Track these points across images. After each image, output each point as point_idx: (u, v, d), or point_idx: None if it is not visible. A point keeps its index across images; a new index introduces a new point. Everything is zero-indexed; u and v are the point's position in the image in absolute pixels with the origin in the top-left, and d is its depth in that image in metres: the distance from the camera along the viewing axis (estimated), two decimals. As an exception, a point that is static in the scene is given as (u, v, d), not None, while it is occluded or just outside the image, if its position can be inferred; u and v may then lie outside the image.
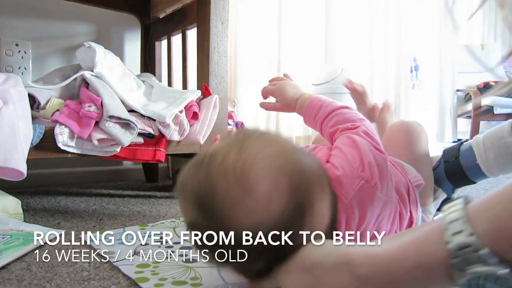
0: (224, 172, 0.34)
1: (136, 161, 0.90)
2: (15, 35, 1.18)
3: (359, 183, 0.42)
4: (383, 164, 0.45)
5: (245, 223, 0.34)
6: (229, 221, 0.34)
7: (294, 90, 0.62)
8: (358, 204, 0.42)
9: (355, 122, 0.50)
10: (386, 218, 0.46)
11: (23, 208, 0.80)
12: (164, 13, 1.25)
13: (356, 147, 0.45)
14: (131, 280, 0.48)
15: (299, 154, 0.38)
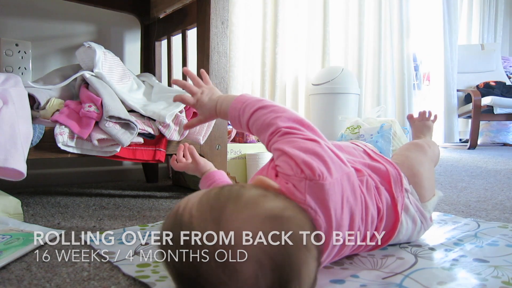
0: (205, 253, 0.33)
1: (136, 161, 0.90)
2: (15, 35, 1.18)
3: (305, 184, 0.43)
4: (316, 149, 0.46)
5: None
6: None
7: (211, 97, 0.59)
8: (316, 202, 0.43)
9: (271, 126, 0.49)
10: (351, 192, 0.47)
11: (23, 208, 0.80)
12: (164, 13, 1.25)
13: (285, 154, 0.45)
14: (131, 280, 0.48)
15: (279, 221, 0.36)
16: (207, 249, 0.33)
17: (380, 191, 0.54)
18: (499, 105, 3.04)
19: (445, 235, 0.67)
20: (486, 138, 3.88)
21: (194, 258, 0.33)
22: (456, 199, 1.04)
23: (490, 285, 0.46)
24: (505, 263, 0.53)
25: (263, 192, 0.39)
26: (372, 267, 0.51)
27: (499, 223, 0.76)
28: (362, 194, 0.50)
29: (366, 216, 0.50)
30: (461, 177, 1.49)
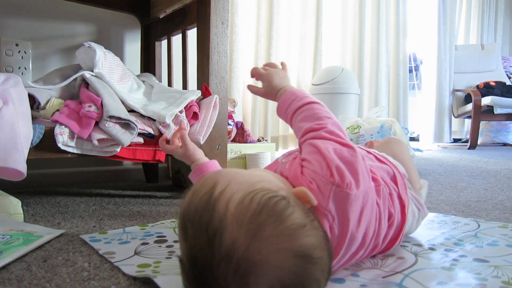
0: (228, 258, 0.33)
1: (136, 161, 0.90)
2: (15, 35, 1.18)
3: (331, 189, 0.43)
4: (351, 158, 0.46)
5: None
6: None
7: (281, 80, 0.63)
8: (336, 210, 0.43)
9: (321, 120, 0.52)
10: (370, 207, 0.47)
11: (23, 208, 0.80)
12: (164, 13, 1.25)
13: (320, 153, 0.46)
14: (131, 280, 0.48)
15: (307, 260, 0.35)
16: (232, 252, 0.33)
17: (393, 197, 0.54)
18: (499, 105, 3.04)
19: (445, 235, 0.67)
20: (486, 138, 3.88)
21: (215, 251, 0.33)
22: (456, 199, 1.04)
23: (490, 285, 0.46)
24: (505, 263, 0.53)
25: (303, 221, 0.37)
26: (372, 267, 0.51)
27: (499, 223, 0.76)
28: (378, 207, 0.49)
29: (379, 228, 0.50)
30: (461, 177, 1.49)
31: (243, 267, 0.33)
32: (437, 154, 2.66)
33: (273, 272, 0.33)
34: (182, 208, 0.38)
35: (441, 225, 0.74)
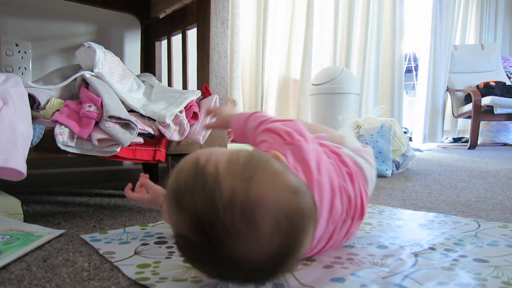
0: (232, 205, 0.36)
1: (136, 161, 0.90)
2: (15, 35, 1.18)
3: (287, 148, 0.52)
4: (297, 126, 0.56)
5: (245, 253, 0.37)
6: (229, 247, 0.37)
7: (230, 112, 0.75)
8: (296, 161, 0.51)
9: (265, 117, 0.62)
10: (325, 160, 0.54)
11: (23, 208, 0.80)
12: (164, 13, 1.25)
13: (271, 130, 0.56)
14: (131, 280, 0.48)
15: (300, 194, 0.40)
16: (234, 199, 0.37)
17: (341, 158, 0.60)
18: (499, 105, 3.04)
19: (445, 235, 0.67)
20: (486, 138, 3.88)
21: (218, 204, 0.36)
22: (456, 199, 1.04)
23: (490, 285, 0.46)
24: (505, 263, 0.53)
25: (284, 166, 0.43)
26: (372, 267, 0.51)
27: (500, 223, 0.76)
28: (333, 165, 0.56)
29: (344, 182, 0.55)
30: (461, 177, 1.49)
31: (247, 209, 0.36)
32: (437, 154, 2.66)
33: (274, 206, 0.37)
34: (170, 186, 0.40)
35: (441, 225, 0.74)
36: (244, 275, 0.39)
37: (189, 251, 0.39)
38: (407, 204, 0.98)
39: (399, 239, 0.65)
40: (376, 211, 0.87)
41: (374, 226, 0.73)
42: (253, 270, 0.38)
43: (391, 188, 1.25)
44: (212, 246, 0.37)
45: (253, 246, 0.37)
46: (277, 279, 0.42)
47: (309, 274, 0.49)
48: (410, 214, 0.85)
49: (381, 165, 1.51)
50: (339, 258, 0.55)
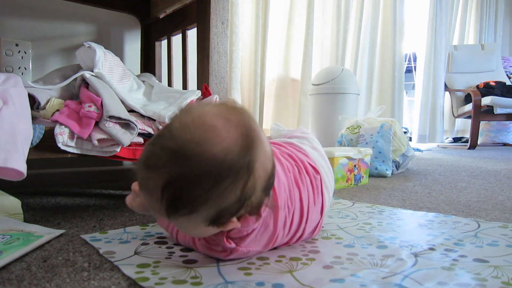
0: (185, 126, 0.43)
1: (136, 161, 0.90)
2: (15, 35, 1.18)
3: None
4: None
5: (216, 149, 0.41)
6: (202, 150, 0.41)
7: None
8: None
9: None
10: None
11: (23, 208, 0.80)
12: (164, 13, 1.25)
13: None
14: (131, 280, 0.48)
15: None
16: (186, 122, 0.44)
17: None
18: (499, 105, 3.04)
19: (445, 235, 0.67)
20: (486, 138, 3.88)
21: (178, 132, 0.43)
22: (456, 199, 1.04)
23: (489, 285, 0.46)
24: (505, 263, 0.53)
25: None
26: (372, 267, 0.52)
27: (500, 223, 0.76)
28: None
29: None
30: (461, 177, 1.49)
31: (197, 120, 0.44)
32: (437, 154, 2.66)
33: (217, 110, 0.45)
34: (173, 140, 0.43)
35: (441, 225, 0.74)
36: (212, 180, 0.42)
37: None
38: (407, 204, 0.98)
39: (399, 239, 0.65)
40: (376, 211, 0.87)
41: (374, 226, 0.74)
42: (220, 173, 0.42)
43: (391, 188, 1.25)
44: (186, 162, 0.42)
45: (219, 141, 0.42)
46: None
47: (308, 274, 0.49)
48: (410, 214, 0.85)
49: (381, 165, 1.51)
50: (339, 258, 0.55)
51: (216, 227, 0.46)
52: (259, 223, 0.52)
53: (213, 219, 0.44)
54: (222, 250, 0.52)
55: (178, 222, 0.46)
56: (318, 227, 0.66)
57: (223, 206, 0.43)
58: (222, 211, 0.44)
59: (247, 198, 0.44)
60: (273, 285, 0.45)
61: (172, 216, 0.44)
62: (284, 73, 2.41)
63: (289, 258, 0.55)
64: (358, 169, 1.33)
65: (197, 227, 0.46)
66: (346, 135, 1.66)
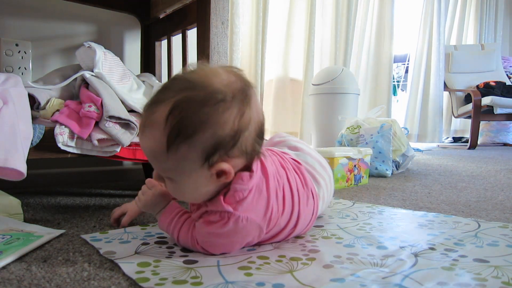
0: (190, 72, 0.51)
1: (136, 161, 0.90)
2: (15, 35, 1.18)
3: None
4: None
5: (219, 82, 0.49)
6: (207, 81, 0.49)
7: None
8: None
9: None
10: None
11: (23, 208, 0.80)
12: (164, 13, 1.25)
13: None
14: (131, 280, 0.48)
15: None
16: (196, 74, 0.52)
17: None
18: (499, 105, 3.04)
19: (445, 235, 0.67)
20: (486, 138, 3.88)
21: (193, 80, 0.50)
22: (456, 199, 1.04)
23: (490, 285, 0.46)
24: (505, 263, 0.53)
25: None
26: (372, 267, 0.52)
27: (500, 223, 0.76)
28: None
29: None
30: (461, 177, 1.49)
31: (206, 71, 0.52)
32: (437, 154, 2.66)
33: (217, 68, 0.52)
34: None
35: (441, 225, 0.74)
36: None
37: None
38: (407, 204, 0.98)
39: (399, 239, 0.65)
40: (376, 211, 0.87)
41: (374, 226, 0.73)
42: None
43: (391, 188, 1.25)
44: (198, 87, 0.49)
45: (221, 80, 0.50)
46: None
47: (308, 274, 0.49)
48: (410, 214, 0.85)
49: (381, 165, 1.51)
50: (339, 258, 0.55)
51: (210, 169, 0.50)
52: (253, 186, 0.53)
53: (208, 153, 0.48)
54: (220, 219, 0.53)
55: (175, 159, 0.49)
56: (312, 221, 0.67)
57: (220, 136, 0.48)
58: (218, 143, 0.48)
59: (242, 132, 0.49)
60: (273, 285, 0.45)
61: (172, 144, 0.48)
62: (283, 73, 2.41)
63: (289, 258, 0.55)
64: (358, 169, 1.33)
65: (192, 173, 0.50)
66: (346, 135, 1.66)
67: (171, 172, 0.52)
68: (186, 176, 0.51)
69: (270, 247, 0.60)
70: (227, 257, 0.55)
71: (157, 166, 0.53)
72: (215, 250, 0.56)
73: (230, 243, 0.55)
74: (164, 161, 0.50)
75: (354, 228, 0.72)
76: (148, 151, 0.52)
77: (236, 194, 0.52)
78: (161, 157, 0.49)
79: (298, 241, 0.63)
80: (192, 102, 0.47)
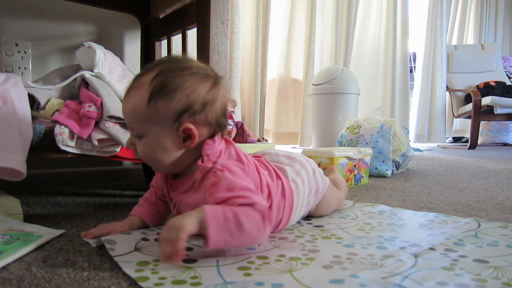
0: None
1: (136, 161, 0.90)
2: (15, 35, 1.18)
3: None
4: None
5: (196, 63, 0.61)
6: (186, 59, 0.62)
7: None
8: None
9: None
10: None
11: (23, 208, 0.80)
12: (164, 13, 1.25)
13: None
14: (131, 280, 0.48)
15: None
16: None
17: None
18: (499, 105, 3.04)
19: (445, 235, 0.67)
20: (486, 138, 3.88)
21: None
22: (456, 199, 1.04)
23: (489, 286, 0.46)
24: (505, 264, 0.53)
25: None
26: (372, 267, 0.52)
27: (500, 223, 0.76)
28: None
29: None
30: (461, 177, 1.49)
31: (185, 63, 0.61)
32: (437, 154, 2.66)
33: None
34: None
35: (441, 225, 0.74)
36: None
37: None
38: (407, 204, 0.98)
39: (399, 240, 0.65)
40: (376, 211, 0.87)
41: (374, 226, 0.73)
42: None
43: (391, 188, 1.25)
44: None
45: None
46: None
47: (308, 274, 0.49)
48: (410, 214, 0.85)
49: (381, 165, 1.51)
50: (339, 258, 0.55)
51: (178, 130, 0.57)
52: (221, 149, 0.59)
53: (180, 112, 0.56)
54: (213, 173, 0.56)
55: (152, 112, 0.56)
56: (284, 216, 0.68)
57: (192, 99, 0.56)
58: (189, 105, 0.56)
59: (210, 104, 0.58)
60: (272, 285, 0.45)
61: (152, 99, 0.55)
62: (285, 73, 2.41)
63: (289, 258, 0.55)
64: (358, 169, 1.33)
65: (163, 130, 0.57)
66: (346, 135, 1.66)
67: (145, 126, 0.58)
68: (157, 132, 0.57)
69: (270, 246, 0.60)
70: (227, 257, 0.55)
71: (134, 123, 0.59)
72: (245, 195, 0.54)
73: (244, 180, 0.57)
74: (142, 115, 0.57)
75: (354, 228, 0.72)
76: (129, 108, 0.58)
77: (209, 157, 0.58)
78: (140, 111, 0.56)
79: (298, 241, 0.63)
80: (175, 69, 0.57)
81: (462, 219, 0.79)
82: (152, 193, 0.73)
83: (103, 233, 0.64)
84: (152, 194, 0.73)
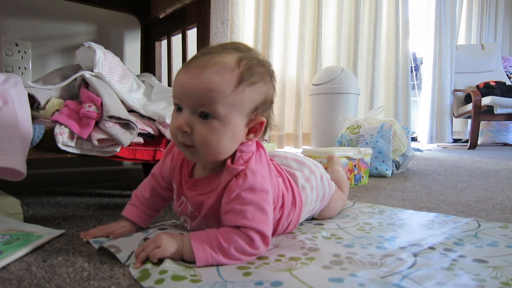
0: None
1: (136, 161, 0.90)
2: (15, 35, 1.18)
3: None
4: None
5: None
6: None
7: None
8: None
9: None
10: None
11: (23, 208, 0.80)
12: (164, 13, 1.25)
13: None
14: (131, 280, 0.48)
15: None
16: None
17: None
18: (499, 105, 3.04)
19: (445, 234, 0.67)
20: (486, 138, 3.88)
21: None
22: (456, 199, 1.04)
23: (488, 285, 0.46)
24: (505, 264, 0.53)
25: None
26: (371, 267, 0.52)
27: (500, 223, 0.76)
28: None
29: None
30: (461, 177, 1.49)
31: None
32: (437, 154, 2.66)
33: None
34: None
35: (441, 225, 0.74)
36: None
37: None
38: (407, 204, 0.98)
39: (399, 239, 0.65)
40: (376, 211, 0.87)
41: (374, 226, 0.74)
42: None
43: (391, 188, 1.25)
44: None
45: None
46: None
47: (308, 273, 0.49)
48: (410, 214, 0.85)
49: (381, 165, 1.51)
50: (338, 257, 0.55)
51: (250, 121, 0.56)
52: (253, 150, 0.59)
53: (258, 104, 0.55)
54: (238, 179, 0.55)
55: (237, 97, 0.53)
56: (293, 220, 0.68)
57: (269, 94, 0.57)
58: (266, 100, 0.57)
59: (272, 102, 0.58)
60: (272, 284, 0.45)
61: (241, 84, 0.53)
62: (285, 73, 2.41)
63: (289, 257, 0.55)
64: (358, 169, 1.33)
65: (238, 117, 0.54)
66: (346, 135, 1.66)
67: (225, 109, 0.52)
68: (235, 118, 0.54)
69: (270, 246, 0.60)
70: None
71: (210, 102, 0.52)
72: (253, 217, 0.53)
73: (262, 200, 0.54)
74: (225, 96, 0.52)
75: (354, 228, 0.72)
76: (209, 83, 0.51)
77: (242, 155, 0.57)
78: (225, 91, 0.52)
79: (297, 241, 0.63)
80: (254, 59, 0.55)
81: (462, 219, 0.79)
82: (148, 186, 0.68)
83: (103, 234, 0.64)
84: (147, 187, 0.68)
